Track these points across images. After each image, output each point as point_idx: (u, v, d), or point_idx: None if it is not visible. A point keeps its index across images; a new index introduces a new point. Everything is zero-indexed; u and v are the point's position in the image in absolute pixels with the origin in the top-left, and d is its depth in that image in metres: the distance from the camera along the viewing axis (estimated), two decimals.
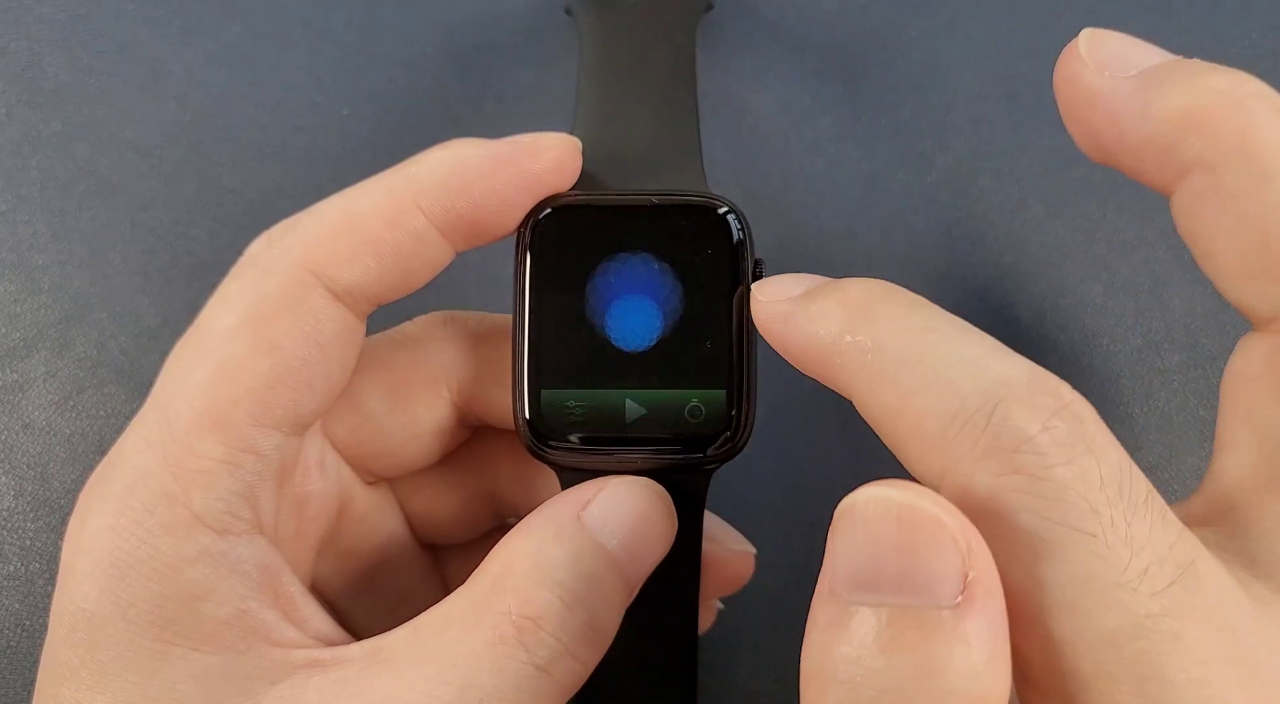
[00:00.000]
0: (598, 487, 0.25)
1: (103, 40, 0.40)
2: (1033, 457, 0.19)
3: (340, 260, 0.25)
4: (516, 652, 0.23)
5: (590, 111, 0.29)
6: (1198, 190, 0.22)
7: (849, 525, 0.19)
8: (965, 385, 0.20)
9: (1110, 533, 0.18)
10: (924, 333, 0.21)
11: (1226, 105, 0.21)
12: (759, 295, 0.24)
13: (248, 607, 0.24)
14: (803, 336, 0.23)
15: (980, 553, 0.18)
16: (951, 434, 0.19)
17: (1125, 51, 0.23)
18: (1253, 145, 0.21)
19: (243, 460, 0.24)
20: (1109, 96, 0.23)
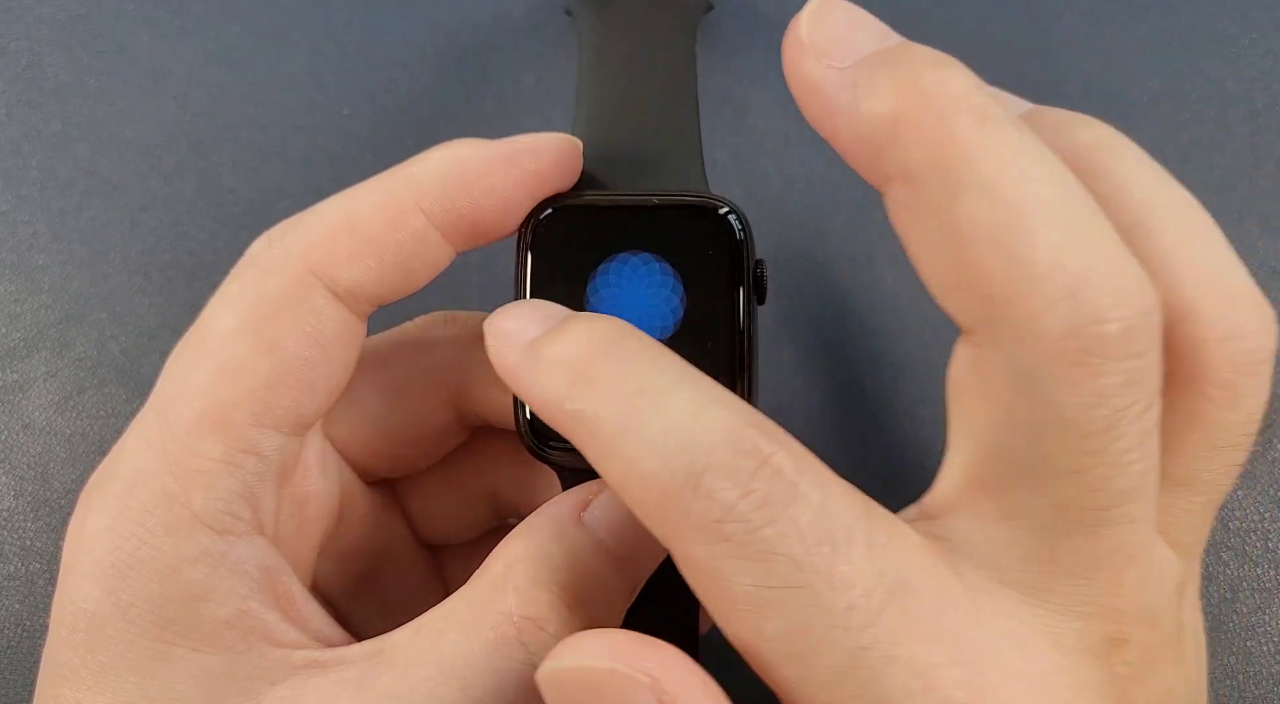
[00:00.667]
0: (599, 487, 0.25)
1: (103, 40, 0.40)
2: (737, 524, 0.19)
3: (341, 260, 0.25)
4: (517, 652, 0.23)
5: (591, 111, 0.29)
6: (901, 199, 0.21)
7: (550, 696, 0.20)
8: (672, 460, 0.20)
9: (816, 580, 0.19)
10: (636, 398, 0.21)
11: (927, 112, 0.20)
12: (489, 337, 0.23)
13: (248, 607, 0.24)
14: (531, 397, 0.22)
15: (669, 674, 0.19)
16: (668, 507, 0.20)
17: (845, 33, 0.22)
18: (944, 159, 0.20)
19: (243, 461, 0.24)
20: (824, 87, 0.22)
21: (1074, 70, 0.39)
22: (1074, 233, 0.19)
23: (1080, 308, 0.19)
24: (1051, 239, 0.19)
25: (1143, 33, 0.39)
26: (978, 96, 0.20)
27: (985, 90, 0.21)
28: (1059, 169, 0.20)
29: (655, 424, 0.20)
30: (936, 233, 0.20)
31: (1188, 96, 0.38)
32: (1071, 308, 0.19)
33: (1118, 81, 0.39)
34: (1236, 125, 0.38)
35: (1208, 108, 0.38)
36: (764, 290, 0.26)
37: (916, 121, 0.20)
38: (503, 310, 0.24)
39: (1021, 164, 0.20)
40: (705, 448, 0.20)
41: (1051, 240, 0.19)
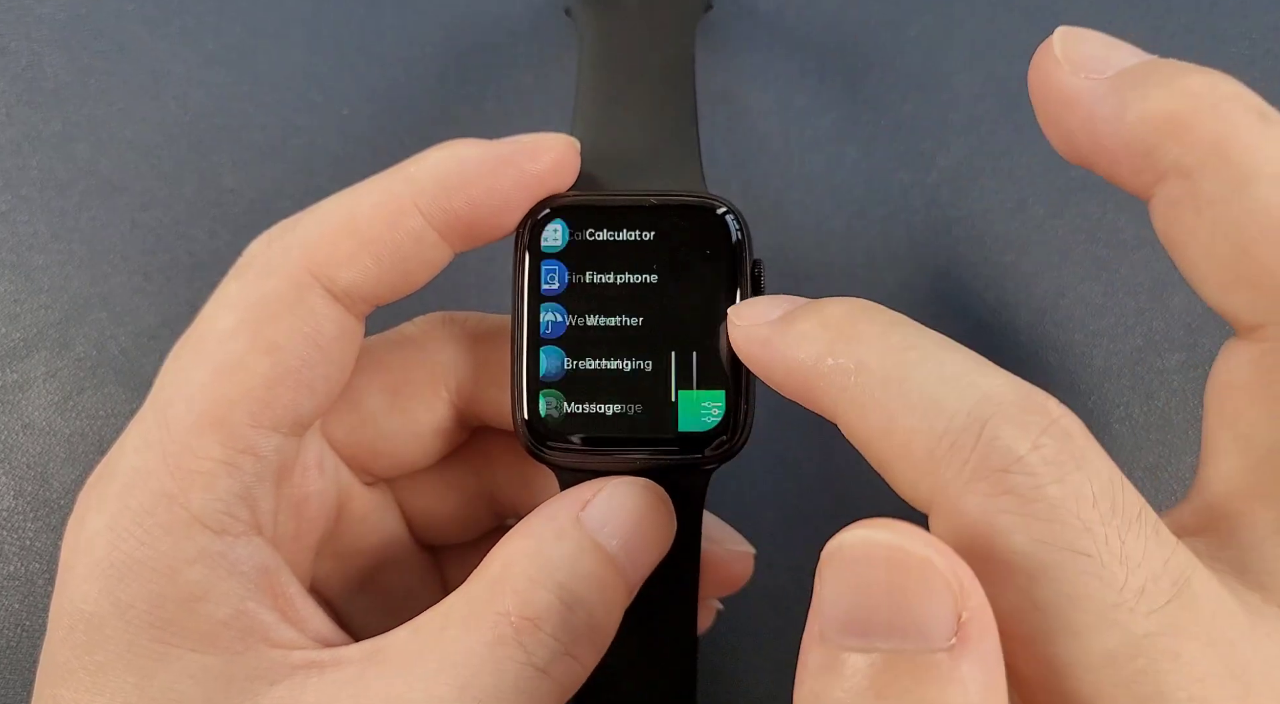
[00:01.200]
0: (597, 487, 0.25)
1: (103, 40, 0.40)
2: (1023, 477, 0.18)
3: (339, 261, 0.25)
4: (516, 652, 0.23)
5: (589, 112, 0.29)
6: (1174, 196, 0.21)
7: (837, 568, 0.18)
8: (951, 404, 0.19)
9: (1105, 552, 0.18)
10: (906, 351, 0.20)
11: (1203, 109, 0.20)
12: (736, 320, 0.24)
13: (246, 607, 0.24)
14: (784, 361, 0.22)
15: (973, 591, 0.18)
16: (939, 455, 0.19)
17: (1101, 51, 0.22)
18: (1228, 150, 0.20)
19: (241, 461, 0.24)
20: (1085, 98, 0.22)
21: None
22: None
23: None
24: None
25: (1142, 33, 0.39)
26: (1251, 97, 0.20)
27: (1255, 95, 0.21)
28: None
29: (931, 374, 0.20)
30: (1219, 224, 0.20)
31: None
32: None
33: None
34: None
35: None
36: (762, 290, 0.26)
37: (1194, 117, 0.20)
38: (743, 303, 0.24)
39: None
40: (991, 398, 0.19)
41: None
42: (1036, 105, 0.23)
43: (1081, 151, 0.23)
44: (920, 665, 0.17)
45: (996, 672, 0.17)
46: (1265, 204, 0.20)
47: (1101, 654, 0.18)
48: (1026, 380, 0.20)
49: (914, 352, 0.20)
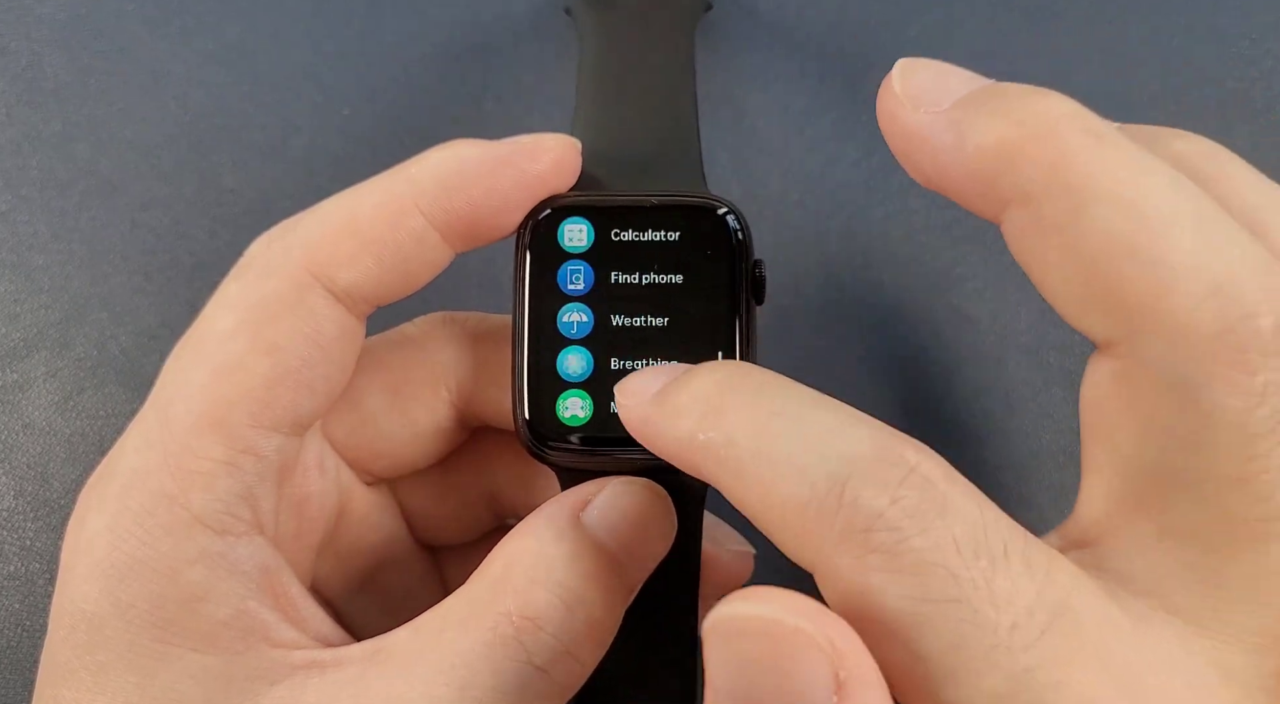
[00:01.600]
0: (597, 487, 0.25)
1: (103, 40, 0.40)
2: (886, 533, 0.19)
3: (340, 261, 0.25)
4: (516, 652, 0.23)
5: (590, 112, 0.29)
6: (1020, 223, 0.21)
7: (718, 643, 0.18)
8: (812, 470, 0.19)
9: (974, 596, 0.18)
10: (771, 420, 0.20)
11: (1036, 135, 0.21)
12: (621, 399, 0.23)
13: (247, 607, 0.24)
14: (662, 439, 0.22)
15: (848, 648, 0.18)
16: (809, 522, 0.19)
17: (936, 81, 0.23)
18: (1064, 175, 0.20)
19: (242, 461, 0.24)
20: (925, 133, 0.22)
21: (1074, 70, 0.39)
22: (1208, 234, 0.20)
23: (1229, 303, 0.19)
24: (1187, 241, 0.19)
25: (1143, 33, 0.39)
26: (1083, 116, 0.21)
27: (1087, 112, 0.21)
28: (1178, 176, 0.20)
29: (792, 441, 0.20)
30: (1063, 250, 0.20)
31: (1188, 96, 0.38)
32: (1220, 304, 0.19)
33: (1118, 81, 0.39)
34: (1236, 125, 0.38)
35: (1208, 108, 0.38)
36: (763, 290, 0.26)
37: (1029, 145, 0.21)
38: (629, 376, 0.24)
39: (1141, 172, 0.20)
40: (848, 457, 0.19)
41: (1187, 242, 0.19)
42: (887, 139, 0.24)
43: (933, 182, 0.23)
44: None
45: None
46: (1103, 225, 0.20)
47: (987, 695, 0.18)
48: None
49: (778, 419, 0.20)
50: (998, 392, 0.36)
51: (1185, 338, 0.19)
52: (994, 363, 0.36)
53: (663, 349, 0.26)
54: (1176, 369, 0.19)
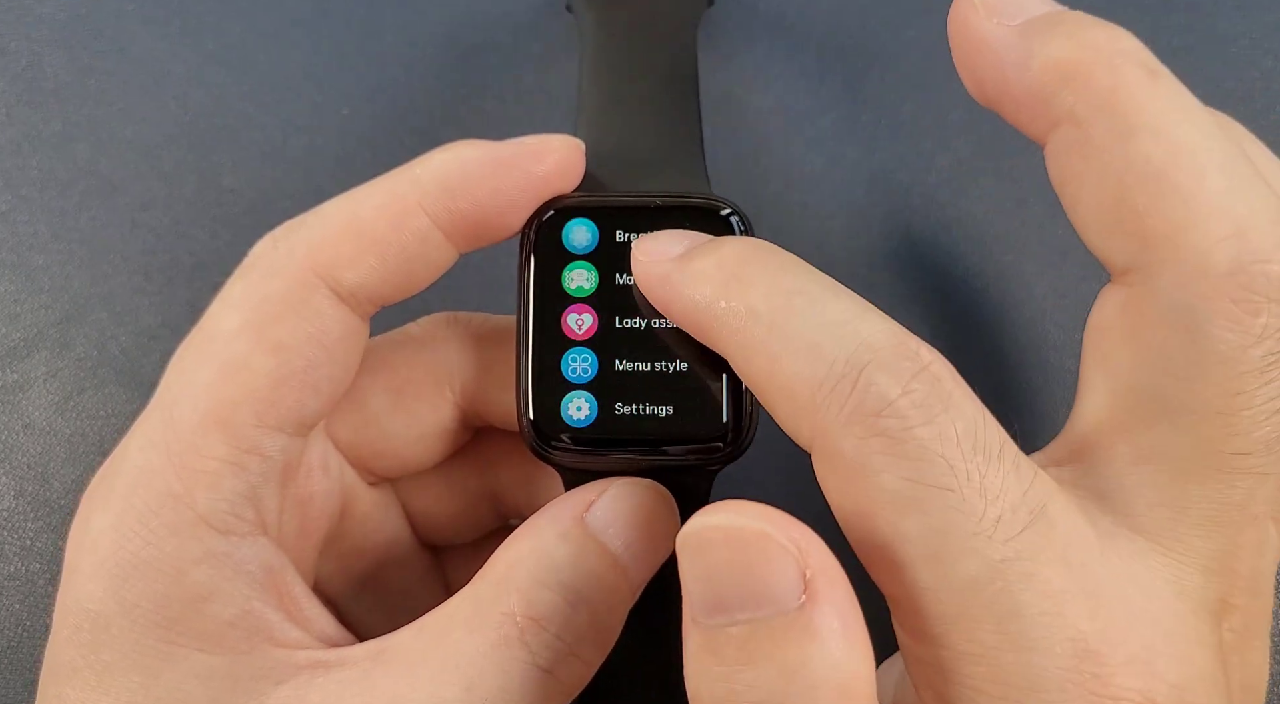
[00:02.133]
0: (601, 488, 0.25)
1: (103, 40, 0.40)
2: (894, 420, 0.20)
3: (344, 261, 0.25)
4: (520, 652, 0.23)
5: (593, 112, 0.29)
6: (1067, 142, 0.22)
7: (690, 556, 0.20)
8: (830, 351, 0.20)
9: (966, 486, 0.19)
10: (793, 297, 0.21)
11: (1099, 61, 0.22)
12: (638, 254, 0.24)
13: (252, 607, 0.24)
14: (680, 300, 0.23)
15: (813, 549, 0.19)
16: (820, 400, 0.20)
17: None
18: (1118, 102, 0.22)
19: (247, 461, 0.24)
20: (994, 43, 0.23)
21: None
22: (1239, 181, 0.21)
23: (1245, 246, 0.20)
24: (1219, 183, 0.21)
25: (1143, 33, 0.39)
26: (1145, 53, 0.22)
27: (1149, 52, 0.22)
28: (1218, 126, 0.22)
29: (814, 320, 0.21)
30: (1102, 173, 0.22)
31: None
32: (1237, 245, 0.20)
33: None
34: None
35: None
36: None
37: (1090, 68, 0.22)
38: (647, 236, 0.25)
39: (1190, 114, 0.22)
40: (867, 345, 0.20)
41: (1219, 184, 0.21)
42: (953, 47, 0.25)
43: (989, 95, 0.24)
44: (778, 628, 0.19)
45: (850, 617, 0.19)
46: (1143, 155, 0.21)
47: (963, 579, 0.19)
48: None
49: (800, 297, 0.21)
50: (998, 391, 0.36)
51: (1198, 272, 0.20)
52: (995, 362, 0.36)
53: (667, 350, 0.26)
54: (1184, 300, 0.21)
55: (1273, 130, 0.38)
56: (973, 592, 0.19)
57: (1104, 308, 0.23)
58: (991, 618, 0.19)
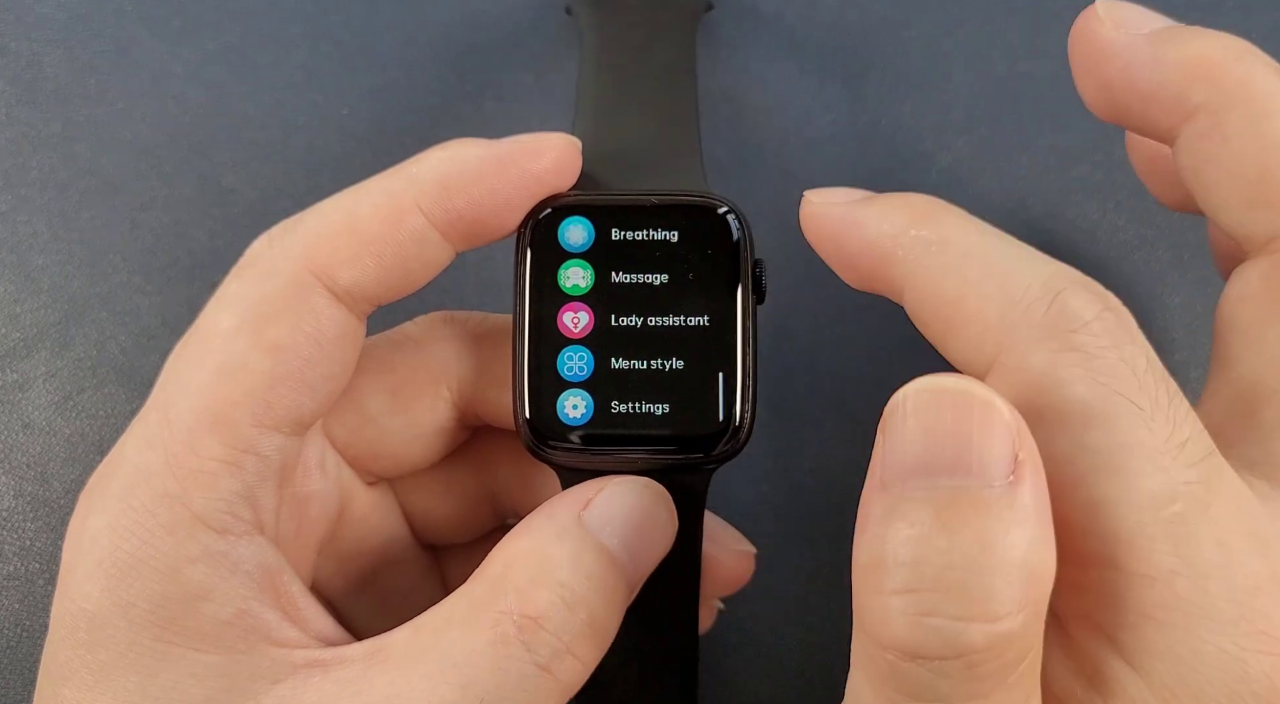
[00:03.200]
0: (598, 486, 0.25)
1: (103, 40, 0.40)
2: (1089, 337, 0.20)
3: (341, 261, 0.25)
4: (518, 651, 0.23)
5: (590, 111, 0.29)
6: (1202, 130, 0.24)
7: (901, 417, 0.20)
8: (1026, 277, 0.21)
9: (1155, 409, 0.20)
10: (985, 233, 0.23)
11: (1230, 58, 0.24)
12: (814, 199, 0.25)
13: (249, 607, 0.24)
14: (863, 233, 0.24)
15: (1026, 435, 0.19)
16: (1013, 318, 0.21)
17: (1138, 15, 0.25)
18: (1252, 90, 0.23)
19: (244, 461, 0.24)
20: (1124, 49, 0.25)
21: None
22: None
23: None
24: None
25: None
26: (1266, 56, 0.24)
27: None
28: None
29: (1008, 251, 0.22)
30: (1240, 153, 0.23)
31: None
32: None
33: None
34: None
35: None
36: (763, 290, 0.26)
37: (1223, 64, 0.24)
38: (815, 190, 0.26)
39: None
40: (1062, 273, 0.21)
41: None
42: (1075, 59, 0.26)
43: (1116, 96, 0.25)
44: (982, 499, 0.19)
45: (1047, 509, 0.19)
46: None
47: (1145, 494, 0.20)
48: None
49: (992, 235, 0.23)
50: None
51: None
52: None
53: (663, 349, 0.26)
54: None
55: None
56: (1153, 509, 0.20)
57: (1245, 281, 0.24)
58: (1169, 539, 0.20)
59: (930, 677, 0.19)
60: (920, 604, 0.19)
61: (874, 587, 0.19)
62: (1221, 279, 0.26)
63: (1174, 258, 0.37)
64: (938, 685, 0.19)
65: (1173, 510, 0.20)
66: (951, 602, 0.18)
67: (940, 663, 0.19)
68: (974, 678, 0.19)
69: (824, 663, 0.35)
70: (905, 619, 0.19)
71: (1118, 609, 0.20)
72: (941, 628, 0.18)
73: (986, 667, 0.18)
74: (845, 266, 0.25)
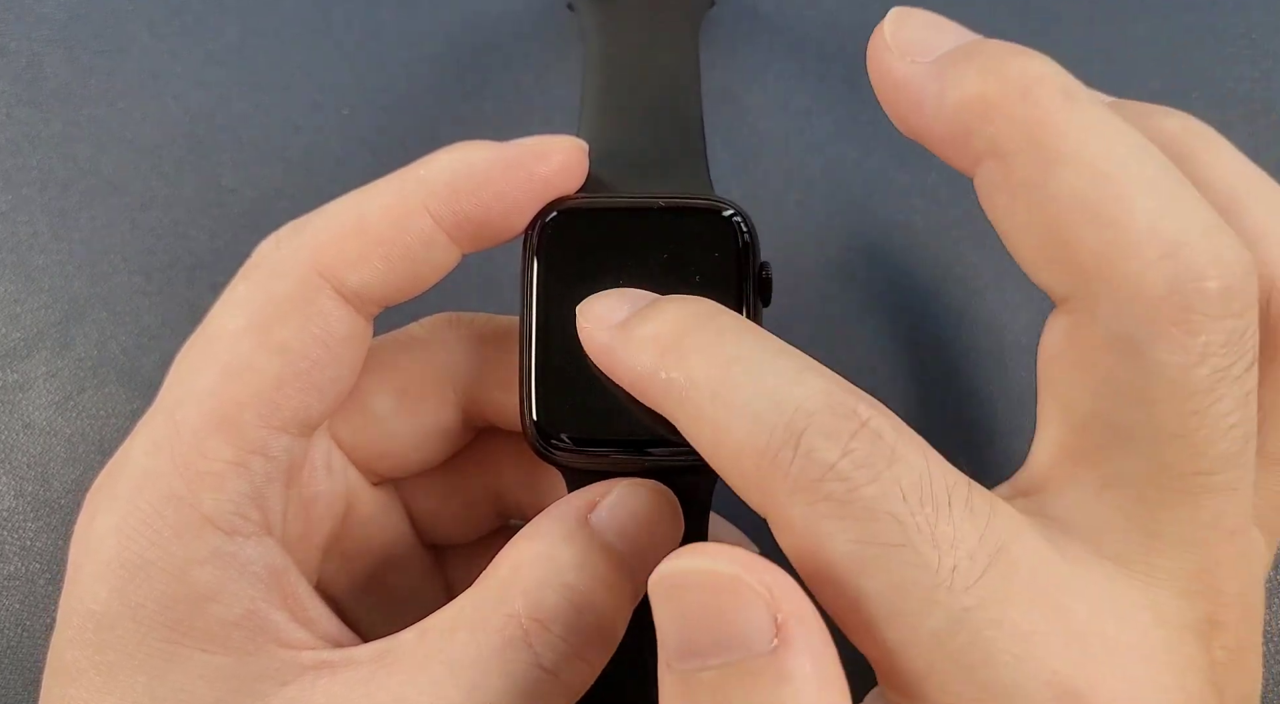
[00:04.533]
0: (605, 489, 0.25)
1: (103, 40, 0.40)
2: (837, 483, 0.19)
3: (348, 262, 0.25)
4: (525, 654, 0.23)
5: (595, 113, 0.29)
6: (992, 176, 0.22)
7: (662, 599, 0.20)
8: (769, 419, 0.20)
9: (917, 539, 0.19)
10: (731, 365, 0.21)
11: (1013, 93, 0.22)
12: (582, 320, 0.24)
13: (256, 608, 0.24)
14: (622, 368, 0.23)
15: (786, 593, 0.19)
16: (764, 470, 0.20)
17: (926, 35, 0.24)
18: (1037, 135, 0.21)
19: (251, 462, 0.24)
20: (910, 82, 0.23)
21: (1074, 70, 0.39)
22: (1168, 200, 0.20)
23: (1180, 266, 0.20)
24: (1147, 205, 0.20)
25: (1143, 33, 0.39)
26: (1061, 77, 0.22)
27: (1067, 74, 0.22)
28: (1145, 143, 0.21)
29: (751, 388, 0.21)
30: (1029, 206, 0.22)
31: (1188, 96, 0.38)
32: (1171, 266, 0.20)
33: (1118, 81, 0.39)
34: (1237, 125, 0.38)
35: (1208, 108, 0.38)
36: (769, 293, 0.26)
37: (1005, 101, 0.22)
38: (592, 297, 0.24)
39: (1111, 137, 0.21)
40: (804, 410, 0.20)
41: (1148, 206, 0.20)
42: (874, 85, 0.24)
43: (915, 131, 0.24)
44: (750, 671, 0.18)
45: (825, 658, 0.19)
46: (1069, 187, 0.21)
47: (928, 634, 0.19)
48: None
49: (738, 365, 0.21)
50: (998, 391, 0.36)
51: (1136, 297, 0.20)
52: (994, 363, 0.36)
53: None
54: (1125, 327, 0.20)
55: (1273, 130, 0.38)
56: (939, 645, 0.19)
57: (1052, 335, 0.23)
58: (962, 669, 0.19)
59: None
60: None
61: None
62: None
63: None
64: None
65: (960, 641, 0.19)
66: None
67: None
68: None
69: None
70: None
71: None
72: None
73: None
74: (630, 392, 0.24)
